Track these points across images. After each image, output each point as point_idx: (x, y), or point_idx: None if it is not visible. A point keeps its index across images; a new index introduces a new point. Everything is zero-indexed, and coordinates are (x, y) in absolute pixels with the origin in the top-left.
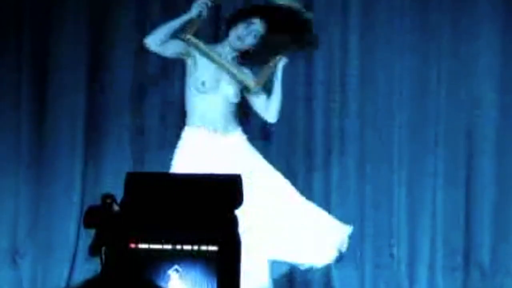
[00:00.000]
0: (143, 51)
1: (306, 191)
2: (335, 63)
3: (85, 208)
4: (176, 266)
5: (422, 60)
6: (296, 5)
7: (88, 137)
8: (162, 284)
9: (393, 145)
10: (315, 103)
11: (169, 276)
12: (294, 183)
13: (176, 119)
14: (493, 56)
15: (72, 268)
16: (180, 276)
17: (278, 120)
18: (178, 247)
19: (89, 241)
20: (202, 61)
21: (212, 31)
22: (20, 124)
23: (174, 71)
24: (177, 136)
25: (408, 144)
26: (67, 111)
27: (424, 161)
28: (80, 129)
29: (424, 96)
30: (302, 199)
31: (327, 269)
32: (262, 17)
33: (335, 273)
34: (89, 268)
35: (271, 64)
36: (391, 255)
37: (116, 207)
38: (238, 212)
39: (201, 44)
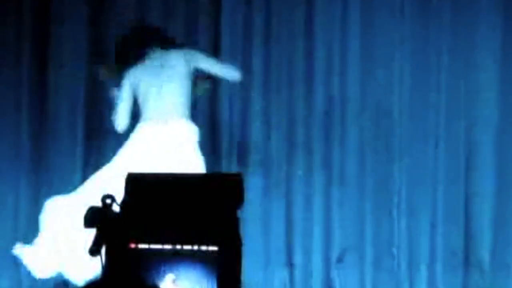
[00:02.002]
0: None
1: (306, 192)
2: (334, 57)
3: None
4: (168, 267)
5: (422, 58)
6: None
7: (88, 137)
8: (161, 284)
9: (393, 144)
10: (314, 102)
11: (167, 276)
12: (294, 182)
13: None
14: (493, 49)
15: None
16: (172, 277)
17: (278, 118)
18: (178, 247)
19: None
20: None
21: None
22: (20, 124)
23: None
24: None
25: (408, 143)
26: (67, 111)
27: (424, 161)
28: (81, 129)
29: (425, 94)
30: None
31: (327, 269)
32: None
33: (335, 273)
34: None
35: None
36: (391, 255)
37: (116, 207)
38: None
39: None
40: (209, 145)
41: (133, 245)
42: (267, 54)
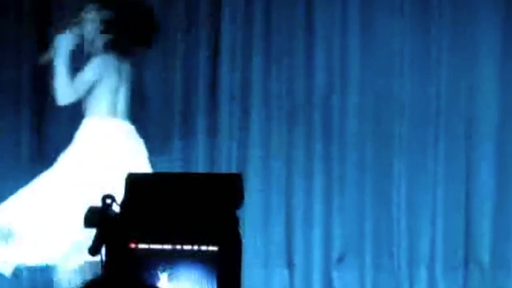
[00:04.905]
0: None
1: (306, 191)
2: (335, 55)
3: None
4: (168, 268)
5: (422, 56)
6: None
7: None
8: (161, 284)
9: (393, 143)
10: (314, 100)
11: (166, 276)
12: (294, 181)
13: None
14: (494, 48)
15: None
16: (171, 277)
17: (278, 118)
18: (178, 247)
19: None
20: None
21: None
22: (20, 125)
23: (174, 61)
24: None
25: (408, 142)
26: (67, 110)
27: (424, 160)
28: None
29: (425, 92)
30: None
31: (327, 269)
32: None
33: (335, 274)
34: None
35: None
36: (391, 255)
37: (116, 207)
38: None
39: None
40: (209, 145)
41: (133, 245)
42: (267, 54)
